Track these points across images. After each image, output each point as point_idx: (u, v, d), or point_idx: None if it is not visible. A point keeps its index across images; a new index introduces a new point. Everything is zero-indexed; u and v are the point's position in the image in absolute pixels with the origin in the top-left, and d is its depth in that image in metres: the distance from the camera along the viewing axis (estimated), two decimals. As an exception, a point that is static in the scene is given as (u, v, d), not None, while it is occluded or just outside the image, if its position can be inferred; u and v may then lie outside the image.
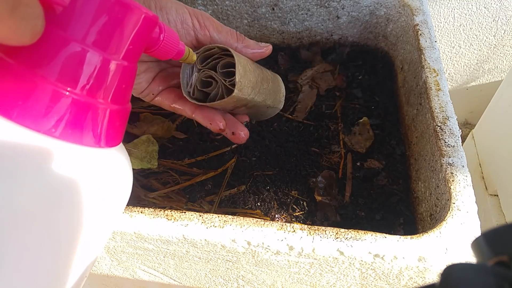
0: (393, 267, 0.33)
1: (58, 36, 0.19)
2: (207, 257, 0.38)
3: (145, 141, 0.52)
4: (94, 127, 0.21)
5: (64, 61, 0.19)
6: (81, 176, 0.20)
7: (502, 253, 0.15)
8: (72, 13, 0.19)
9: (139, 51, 0.23)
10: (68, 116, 0.19)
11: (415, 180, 0.47)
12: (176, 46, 0.30)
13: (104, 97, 0.21)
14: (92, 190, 0.21)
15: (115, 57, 0.21)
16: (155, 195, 0.48)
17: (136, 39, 0.22)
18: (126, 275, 0.46)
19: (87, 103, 0.20)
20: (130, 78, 0.23)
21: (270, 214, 0.47)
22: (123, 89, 0.22)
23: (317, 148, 0.53)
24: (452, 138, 0.40)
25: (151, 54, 0.28)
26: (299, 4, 0.61)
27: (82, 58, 0.20)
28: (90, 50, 0.20)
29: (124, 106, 0.23)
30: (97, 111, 0.21)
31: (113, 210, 0.23)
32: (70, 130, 0.20)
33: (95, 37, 0.20)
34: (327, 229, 0.34)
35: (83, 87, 0.20)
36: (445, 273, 0.15)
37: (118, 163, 0.23)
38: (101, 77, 0.21)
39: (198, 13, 0.38)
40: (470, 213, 0.34)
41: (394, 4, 0.58)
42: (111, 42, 0.21)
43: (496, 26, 0.91)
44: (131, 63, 0.22)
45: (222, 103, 0.37)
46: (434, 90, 0.45)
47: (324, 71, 0.62)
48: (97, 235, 0.22)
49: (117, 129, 0.23)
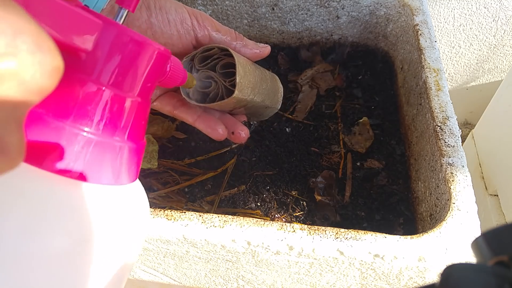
0: (393, 267, 0.33)
1: (80, 80, 0.20)
2: (207, 257, 0.38)
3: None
4: (112, 166, 0.21)
5: (81, 102, 0.20)
6: (102, 213, 0.20)
7: (502, 253, 0.15)
8: (92, 57, 0.20)
9: (153, 86, 0.23)
10: (85, 156, 0.20)
11: (415, 180, 0.47)
12: (181, 74, 0.30)
13: (121, 135, 0.21)
14: (113, 226, 0.21)
15: (130, 94, 0.21)
16: (155, 195, 0.48)
17: (150, 75, 0.22)
18: (126, 275, 0.46)
19: (104, 142, 0.20)
20: (145, 114, 0.23)
21: (270, 214, 0.47)
22: (139, 126, 0.23)
23: (317, 148, 0.53)
24: (452, 138, 0.40)
25: (158, 85, 0.28)
26: (299, 4, 0.61)
27: (99, 98, 0.20)
28: (107, 90, 0.20)
29: (140, 142, 0.23)
30: (114, 150, 0.21)
31: (133, 243, 0.23)
32: (88, 171, 0.20)
33: (111, 76, 0.20)
34: (327, 229, 0.34)
35: (100, 127, 0.20)
36: (445, 273, 0.15)
37: (136, 195, 0.23)
38: (118, 116, 0.21)
39: (197, 12, 0.38)
40: (470, 213, 0.34)
41: (394, 4, 0.58)
42: (127, 80, 0.21)
43: (496, 26, 0.91)
44: (145, 99, 0.23)
45: (222, 104, 0.37)
46: (434, 90, 0.45)
47: (324, 71, 0.62)
48: (121, 268, 0.22)
49: (134, 165, 0.23)
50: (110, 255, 0.21)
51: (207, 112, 0.41)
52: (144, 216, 0.24)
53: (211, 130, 0.39)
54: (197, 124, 0.40)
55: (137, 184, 0.24)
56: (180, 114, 0.40)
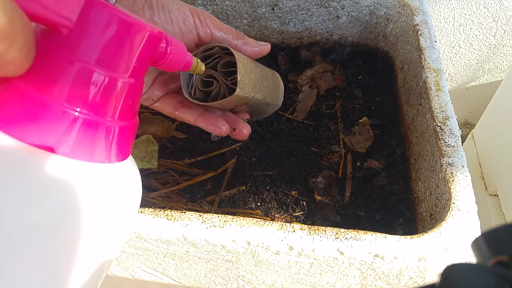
0: (393, 267, 0.33)
1: (65, 58, 0.20)
2: (207, 257, 0.38)
3: (145, 141, 0.52)
4: (104, 144, 0.21)
5: (71, 82, 0.20)
6: (93, 191, 0.20)
7: (502, 253, 0.15)
8: (78, 35, 0.20)
9: (145, 67, 0.24)
10: (77, 135, 0.20)
11: (415, 180, 0.47)
12: (183, 58, 0.30)
13: (112, 115, 0.21)
14: (104, 203, 0.21)
15: (121, 75, 0.21)
16: (155, 195, 0.48)
17: (141, 56, 0.22)
18: (126, 275, 0.46)
19: (95, 121, 0.21)
20: (137, 94, 0.23)
21: (270, 214, 0.47)
22: (130, 106, 0.23)
23: (317, 148, 0.53)
24: (452, 138, 0.40)
25: (159, 67, 0.28)
26: (299, 4, 0.61)
27: (89, 78, 0.20)
28: (97, 70, 0.20)
29: (131, 122, 0.23)
30: (105, 128, 0.21)
31: (126, 219, 0.23)
32: (80, 149, 0.20)
33: (101, 56, 0.20)
34: (327, 229, 0.34)
35: (90, 107, 0.20)
36: (445, 273, 0.15)
37: (128, 174, 0.23)
38: (108, 95, 0.21)
39: (199, 11, 0.38)
40: (470, 213, 0.34)
41: (394, 4, 0.58)
42: (117, 61, 0.21)
43: (496, 26, 0.91)
44: (137, 79, 0.23)
45: (224, 102, 0.37)
46: (434, 90, 0.45)
47: (324, 71, 0.62)
48: (109, 247, 0.22)
49: (126, 144, 0.23)
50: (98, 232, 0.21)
51: (208, 111, 0.41)
52: (136, 193, 0.24)
53: (214, 127, 0.39)
54: (199, 123, 0.40)
55: (129, 162, 0.24)
56: (181, 115, 0.40)
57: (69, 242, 0.19)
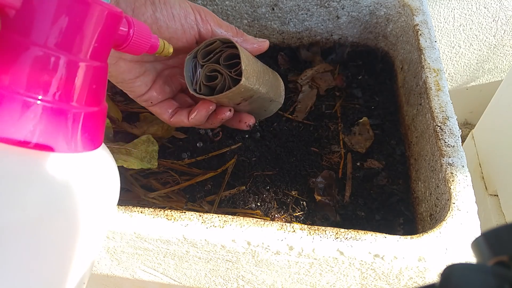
0: (393, 267, 0.33)
1: (17, 42, 0.18)
2: (207, 257, 0.38)
3: (145, 141, 0.52)
4: (70, 133, 0.20)
5: (28, 68, 0.18)
6: (67, 182, 0.19)
7: (502, 253, 0.15)
8: (29, 16, 0.18)
9: (107, 48, 0.22)
10: (40, 124, 0.19)
11: (415, 180, 0.47)
12: (148, 40, 0.28)
13: (77, 100, 0.20)
14: (80, 195, 0.20)
15: (81, 57, 0.20)
16: (155, 195, 0.48)
17: (102, 37, 0.21)
18: (126, 275, 0.46)
19: (58, 109, 0.19)
20: (102, 77, 0.22)
21: (270, 214, 0.47)
22: (96, 90, 0.21)
23: (317, 148, 0.53)
24: (452, 138, 0.40)
25: (123, 51, 0.27)
26: (299, 4, 0.61)
27: (46, 62, 0.19)
28: (54, 53, 0.19)
29: (99, 107, 0.22)
30: (71, 115, 0.20)
31: (104, 211, 0.22)
32: (45, 139, 0.19)
33: (57, 39, 0.19)
34: (327, 229, 0.34)
35: (51, 92, 0.19)
36: (445, 273, 0.15)
37: (102, 164, 0.22)
38: (69, 79, 0.20)
39: (200, 8, 0.38)
40: (470, 213, 0.34)
41: (394, 4, 0.58)
42: (74, 42, 0.20)
43: (496, 26, 0.91)
44: (101, 61, 0.22)
45: (230, 94, 0.37)
46: (434, 90, 0.45)
47: (324, 71, 0.62)
48: (90, 239, 0.22)
49: (95, 131, 0.22)
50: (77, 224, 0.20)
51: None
52: (113, 182, 0.23)
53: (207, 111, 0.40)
54: (192, 120, 0.40)
55: (102, 151, 0.23)
56: (176, 120, 0.41)
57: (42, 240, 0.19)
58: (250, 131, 0.54)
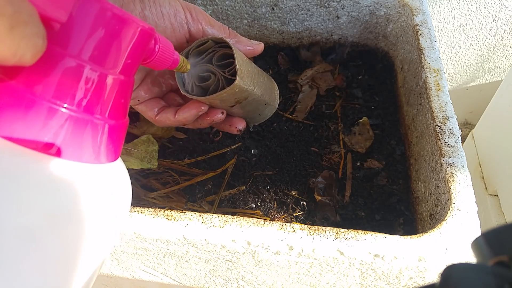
0: (393, 267, 0.33)
1: (56, 53, 0.19)
2: (207, 257, 0.38)
3: (145, 141, 0.52)
4: (92, 144, 0.21)
5: (60, 77, 0.19)
6: (82, 192, 0.20)
7: (502, 253, 0.15)
8: (69, 29, 0.19)
9: (136, 64, 0.23)
10: (65, 133, 0.19)
11: (415, 180, 0.47)
12: (171, 56, 0.29)
13: (101, 112, 0.21)
14: (94, 203, 0.21)
15: (112, 71, 0.21)
16: (155, 195, 0.48)
17: (133, 53, 0.22)
18: (126, 275, 0.46)
19: (84, 119, 0.20)
20: (128, 92, 0.23)
21: (270, 214, 0.47)
22: (121, 104, 0.22)
23: (317, 148, 0.53)
24: (452, 138, 0.40)
25: (147, 66, 0.27)
26: (299, 4, 0.61)
27: (79, 74, 0.19)
28: (87, 66, 0.20)
29: (122, 121, 0.23)
30: (94, 127, 0.21)
31: (115, 222, 0.23)
32: (67, 148, 0.19)
33: (91, 52, 0.20)
34: (327, 229, 0.34)
35: (80, 103, 0.20)
36: (445, 273, 0.15)
37: (117, 176, 0.23)
38: (98, 92, 0.20)
39: (191, 6, 0.38)
40: (470, 213, 0.34)
41: (394, 4, 0.58)
42: (108, 57, 0.21)
43: (496, 26, 0.91)
44: (128, 77, 0.22)
45: (224, 94, 0.36)
46: (434, 90, 0.45)
47: (324, 71, 0.62)
48: (100, 248, 0.22)
49: (115, 144, 0.22)
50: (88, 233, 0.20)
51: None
52: (125, 195, 0.23)
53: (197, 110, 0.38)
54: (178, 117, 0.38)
55: (118, 164, 0.23)
56: (161, 119, 0.39)
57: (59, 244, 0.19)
58: (251, 131, 0.54)
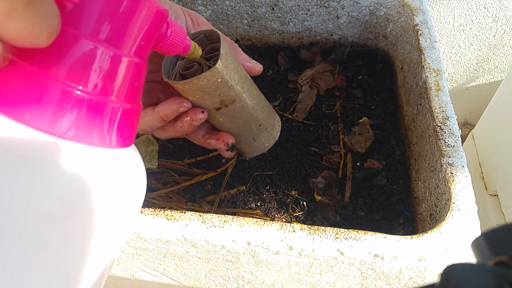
0: (393, 267, 0.33)
1: (69, 34, 0.18)
2: (207, 257, 0.38)
3: (145, 141, 0.52)
4: (108, 127, 0.20)
5: (74, 59, 0.19)
6: (96, 178, 0.20)
7: (502, 253, 0.15)
8: (82, 9, 0.19)
9: (149, 46, 0.22)
10: (79, 117, 0.19)
11: (415, 180, 0.47)
12: (182, 41, 0.28)
13: (116, 95, 0.20)
14: (108, 192, 0.20)
15: (126, 53, 0.20)
16: (155, 195, 0.48)
17: (147, 34, 0.21)
18: (126, 275, 0.46)
19: (99, 102, 0.19)
20: (141, 75, 0.22)
21: (270, 214, 0.47)
22: (135, 87, 0.22)
23: (317, 148, 0.53)
24: (452, 138, 0.40)
25: (158, 50, 0.27)
26: (299, 4, 0.61)
27: (93, 55, 0.19)
28: (101, 47, 0.19)
29: (136, 105, 0.22)
30: (110, 110, 0.20)
31: (130, 211, 0.22)
32: (82, 131, 0.19)
33: (106, 33, 0.19)
34: (327, 229, 0.34)
35: (95, 86, 0.19)
36: (445, 273, 0.15)
37: (132, 162, 0.22)
38: (113, 74, 0.20)
39: (191, 12, 0.38)
40: (470, 213, 0.34)
41: (394, 4, 0.58)
42: (123, 38, 0.20)
43: (496, 26, 0.91)
44: (143, 59, 0.22)
45: (204, 81, 0.34)
46: (434, 90, 0.45)
47: (324, 71, 0.62)
48: (114, 236, 0.22)
49: (130, 129, 0.22)
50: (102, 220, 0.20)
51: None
52: (141, 182, 0.23)
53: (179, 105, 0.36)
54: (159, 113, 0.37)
55: (132, 151, 0.23)
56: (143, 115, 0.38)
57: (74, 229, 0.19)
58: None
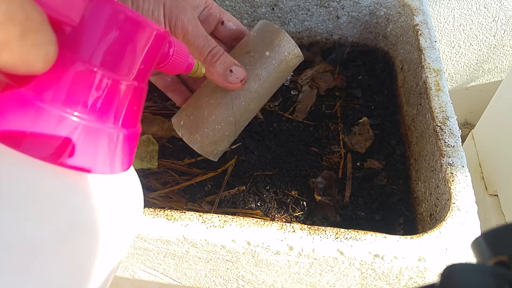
0: (393, 267, 0.33)
1: (66, 58, 0.18)
2: (207, 257, 0.38)
3: (145, 141, 0.52)
4: (104, 154, 0.20)
5: (71, 84, 0.18)
6: (93, 204, 0.19)
7: (502, 253, 0.15)
8: (81, 33, 0.18)
9: (150, 70, 0.22)
10: (75, 143, 0.18)
11: (415, 180, 0.47)
12: (185, 60, 0.28)
13: (114, 121, 0.20)
14: (105, 217, 0.20)
15: (125, 78, 0.20)
16: (155, 195, 0.48)
17: (147, 58, 0.21)
18: (126, 275, 0.46)
19: (96, 128, 0.19)
20: (141, 99, 0.22)
21: (270, 214, 0.47)
22: (134, 112, 0.21)
23: (317, 148, 0.53)
24: (452, 138, 0.40)
25: (160, 70, 0.26)
26: (299, 4, 0.61)
27: (90, 80, 0.18)
28: (99, 71, 0.19)
29: (134, 129, 0.22)
30: (107, 136, 0.20)
31: (127, 231, 0.22)
32: (78, 158, 0.18)
33: (104, 57, 0.19)
34: (327, 229, 0.34)
35: (91, 111, 0.19)
36: (445, 273, 0.15)
37: (129, 185, 0.22)
38: (111, 100, 0.19)
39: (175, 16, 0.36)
40: (470, 213, 0.34)
41: (394, 4, 0.58)
42: (121, 62, 0.19)
43: (496, 26, 0.91)
44: (142, 83, 0.21)
45: None
46: (434, 90, 0.45)
47: (324, 71, 0.61)
48: (113, 256, 0.22)
49: (128, 153, 0.22)
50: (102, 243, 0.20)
51: None
52: (137, 208, 0.23)
53: None
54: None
55: (131, 173, 0.23)
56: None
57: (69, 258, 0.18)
58: (250, 131, 0.54)
